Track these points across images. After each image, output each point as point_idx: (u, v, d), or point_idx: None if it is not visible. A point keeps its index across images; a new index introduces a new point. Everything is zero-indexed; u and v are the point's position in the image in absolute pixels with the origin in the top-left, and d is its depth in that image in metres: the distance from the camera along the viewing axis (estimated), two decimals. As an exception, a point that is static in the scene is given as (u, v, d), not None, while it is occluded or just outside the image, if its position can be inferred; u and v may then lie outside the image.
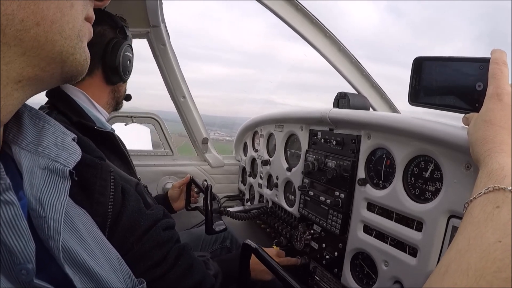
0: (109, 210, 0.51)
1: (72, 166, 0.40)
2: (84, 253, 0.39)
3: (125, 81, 1.04)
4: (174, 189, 1.43)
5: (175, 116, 1.79)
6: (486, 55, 0.55)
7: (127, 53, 0.98)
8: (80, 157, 0.42)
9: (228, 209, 1.31)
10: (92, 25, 0.40)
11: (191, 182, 1.41)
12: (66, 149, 0.41)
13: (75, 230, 0.40)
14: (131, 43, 1.01)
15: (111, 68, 0.95)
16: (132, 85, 1.14)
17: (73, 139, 0.44)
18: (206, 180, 1.55)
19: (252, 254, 1.00)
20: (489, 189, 0.42)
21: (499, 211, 0.39)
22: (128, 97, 1.15)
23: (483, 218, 0.40)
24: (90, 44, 0.39)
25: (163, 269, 0.59)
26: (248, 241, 0.76)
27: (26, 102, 0.41)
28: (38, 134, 0.41)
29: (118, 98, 1.07)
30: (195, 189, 1.44)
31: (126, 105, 1.15)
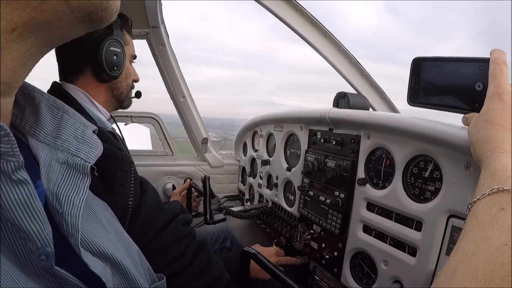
0: (129, 202, 0.50)
1: (94, 162, 0.38)
2: (111, 245, 0.37)
3: (114, 77, 0.99)
4: (176, 196, 1.42)
5: (175, 119, 1.80)
6: (486, 52, 0.55)
7: (111, 48, 0.94)
8: (101, 152, 0.40)
9: (229, 208, 1.32)
10: None
11: (191, 187, 1.41)
12: (87, 142, 0.39)
13: (98, 222, 0.39)
14: (119, 37, 0.97)
15: (97, 65, 0.93)
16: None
17: (94, 131, 0.42)
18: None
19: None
20: (493, 190, 0.42)
21: (504, 213, 0.39)
22: (138, 94, 1.13)
23: (488, 220, 0.40)
24: (79, 42, 0.35)
25: (182, 265, 0.59)
26: (247, 248, 0.77)
27: (44, 91, 0.38)
28: (57, 126, 0.38)
29: (119, 96, 1.05)
30: (195, 193, 1.44)
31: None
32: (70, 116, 0.40)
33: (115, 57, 0.95)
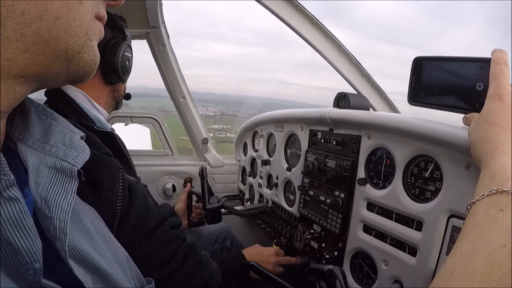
0: (117, 207, 0.50)
1: (81, 166, 0.39)
2: (94, 252, 0.38)
3: (124, 81, 1.03)
4: (181, 202, 1.43)
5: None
6: (502, 40, 0.55)
7: (126, 54, 0.97)
8: (88, 156, 0.41)
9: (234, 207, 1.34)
10: None
11: (191, 194, 1.41)
12: (75, 147, 0.40)
13: (84, 228, 0.39)
14: (130, 43, 1.01)
15: (110, 68, 0.94)
16: (139, 64, 1.13)
17: (82, 137, 0.43)
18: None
19: (251, 249, 1.01)
20: (492, 191, 0.42)
21: (503, 215, 0.39)
22: (127, 96, 1.14)
23: (487, 221, 0.40)
24: None
25: (172, 268, 0.59)
26: (245, 261, 0.79)
27: (32, 99, 0.40)
28: (46, 132, 0.39)
29: (117, 98, 1.07)
30: (195, 198, 1.43)
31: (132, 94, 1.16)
32: (59, 123, 0.41)
33: (127, 62, 0.98)
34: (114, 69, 0.95)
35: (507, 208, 0.39)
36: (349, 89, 1.32)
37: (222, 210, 1.29)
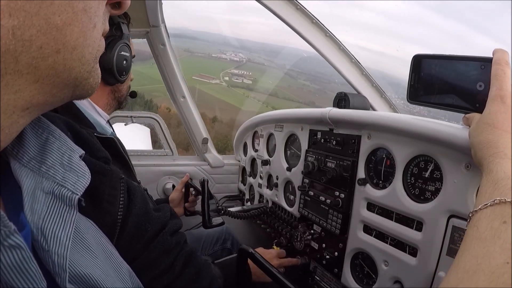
0: (118, 219, 0.48)
1: (81, 193, 0.35)
2: (97, 272, 0.35)
3: (121, 82, 0.98)
4: (176, 192, 1.40)
5: (207, 36, 1.72)
6: None
7: (122, 53, 0.92)
8: (89, 181, 0.38)
9: (228, 209, 1.31)
10: None
11: (188, 185, 1.39)
12: (74, 170, 0.37)
13: (86, 247, 0.37)
14: (128, 40, 0.95)
15: (105, 69, 0.89)
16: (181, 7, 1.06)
17: (80, 156, 0.40)
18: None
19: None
20: (495, 201, 0.41)
21: (507, 228, 0.38)
22: (133, 94, 1.12)
23: (490, 234, 0.39)
24: None
25: (171, 277, 0.58)
26: (244, 246, 0.76)
27: None
28: (42, 149, 0.36)
29: (119, 98, 1.03)
30: (193, 192, 1.43)
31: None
32: (56, 139, 0.38)
33: (124, 62, 0.93)
34: (109, 70, 0.90)
35: (509, 220, 0.39)
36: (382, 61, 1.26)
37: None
